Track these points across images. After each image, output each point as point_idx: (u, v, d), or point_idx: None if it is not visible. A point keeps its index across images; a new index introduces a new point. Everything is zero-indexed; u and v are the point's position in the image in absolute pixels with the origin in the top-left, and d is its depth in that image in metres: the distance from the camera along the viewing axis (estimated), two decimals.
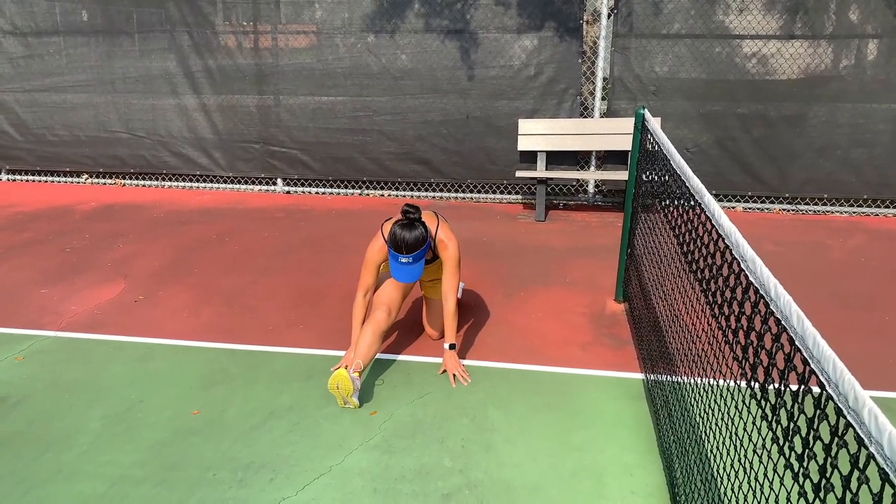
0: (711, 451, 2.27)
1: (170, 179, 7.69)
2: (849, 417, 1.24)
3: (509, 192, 7.16)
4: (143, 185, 7.72)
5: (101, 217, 6.55)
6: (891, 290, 4.79)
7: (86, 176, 7.83)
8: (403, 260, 3.41)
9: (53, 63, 7.39)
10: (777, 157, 6.53)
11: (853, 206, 6.61)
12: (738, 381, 1.91)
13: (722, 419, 2.05)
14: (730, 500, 1.97)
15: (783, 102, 6.40)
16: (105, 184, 7.78)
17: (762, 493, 1.64)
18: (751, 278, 1.87)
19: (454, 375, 3.60)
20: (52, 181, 7.87)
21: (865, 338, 4.05)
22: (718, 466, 2.16)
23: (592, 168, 6.85)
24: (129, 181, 7.76)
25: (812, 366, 1.42)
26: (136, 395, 3.48)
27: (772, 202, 6.74)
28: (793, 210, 6.70)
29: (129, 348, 3.99)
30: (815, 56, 6.29)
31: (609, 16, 6.40)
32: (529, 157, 6.74)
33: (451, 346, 3.67)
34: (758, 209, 6.75)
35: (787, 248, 5.64)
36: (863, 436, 1.18)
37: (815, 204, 6.67)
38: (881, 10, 6.10)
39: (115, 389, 3.53)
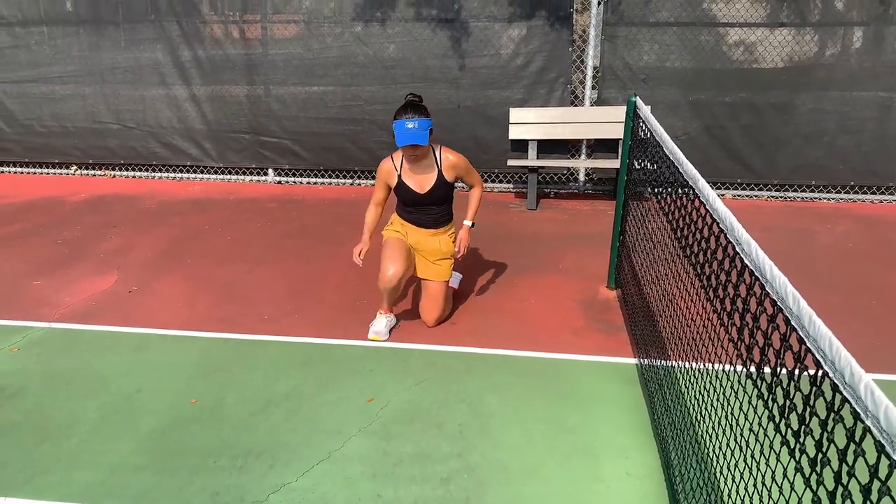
0: (707, 432, 2.32)
1: (160, 170, 7.65)
2: (845, 393, 1.28)
3: (501, 181, 7.18)
4: (134, 177, 7.67)
5: (92, 208, 6.51)
6: (877, 275, 4.87)
7: (75, 167, 7.77)
8: (409, 125, 3.63)
9: (40, 53, 7.32)
10: (765, 145, 6.59)
11: (840, 192, 6.69)
12: (733, 363, 1.96)
13: (718, 400, 2.10)
14: (725, 479, 2.02)
15: (770, 90, 6.45)
16: (95, 175, 7.73)
17: (758, 469, 1.68)
18: (746, 261, 1.91)
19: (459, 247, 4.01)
20: (41, 173, 7.82)
21: (853, 322, 4.13)
22: (714, 446, 2.21)
23: (583, 156, 6.89)
24: (119, 172, 7.71)
25: (808, 344, 1.46)
26: (134, 384, 3.49)
27: (760, 189, 6.81)
28: (781, 197, 6.78)
29: (125, 338, 3.99)
30: (802, 44, 6.34)
31: (599, 4, 6.42)
32: (520, 146, 6.76)
33: (472, 224, 4.10)
34: (747, 196, 6.82)
35: (776, 234, 5.71)
36: (859, 410, 1.22)
37: (803, 191, 6.74)
38: None
39: (111, 379, 3.54)
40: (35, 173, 7.83)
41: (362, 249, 3.94)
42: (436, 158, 3.92)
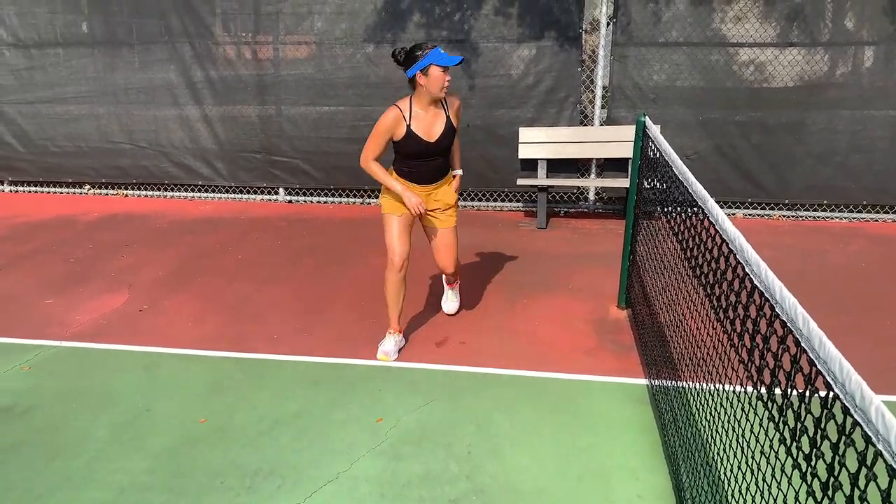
0: (718, 454, 2.30)
1: (172, 189, 7.72)
2: (856, 416, 1.27)
3: (510, 200, 7.20)
4: (146, 196, 7.75)
5: (104, 227, 6.57)
6: (890, 295, 4.82)
7: (88, 187, 7.86)
8: (443, 49, 3.61)
9: (56, 74, 7.44)
10: (776, 164, 6.57)
11: (852, 211, 6.65)
12: (743, 384, 1.94)
13: (728, 422, 2.08)
14: (737, 502, 1.99)
15: (781, 110, 6.45)
16: (107, 194, 7.81)
17: (770, 493, 1.66)
18: (755, 282, 1.89)
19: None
20: (55, 192, 7.91)
21: (867, 342, 4.08)
22: (725, 469, 2.19)
23: (593, 175, 6.90)
24: (131, 192, 7.79)
25: (819, 366, 1.45)
26: (143, 403, 3.50)
27: (772, 208, 6.78)
28: (792, 216, 6.74)
29: (135, 357, 4.00)
30: (813, 63, 6.34)
31: (608, 25, 6.46)
32: (530, 165, 6.78)
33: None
34: (758, 215, 6.79)
35: (788, 254, 5.67)
36: (870, 433, 1.21)
37: (815, 210, 6.70)
38: (877, 16, 6.16)
39: (121, 398, 3.55)
40: (48, 192, 7.92)
41: (416, 198, 3.73)
42: (443, 103, 3.78)
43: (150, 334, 4.29)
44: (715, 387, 2.31)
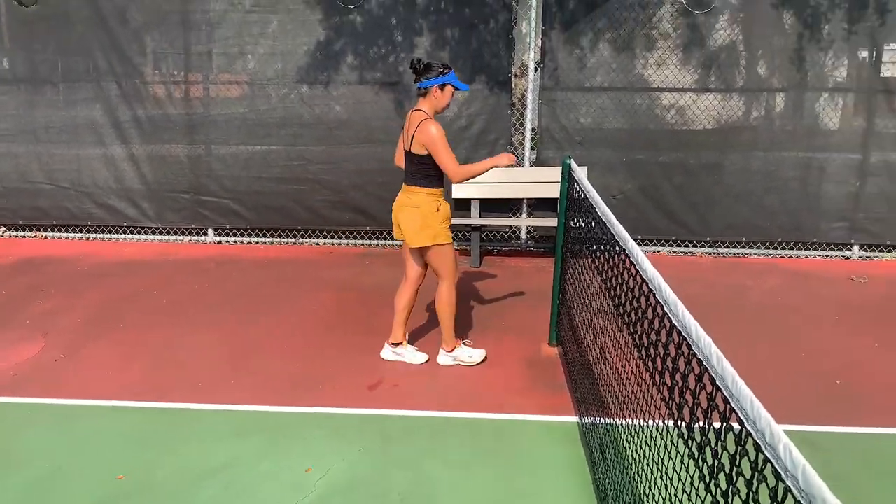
0: (644, 492, 2.32)
1: (95, 231, 7.43)
2: (766, 453, 1.30)
3: None
4: (67, 238, 7.43)
5: (19, 271, 6.26)
6: (805, 327, 5.05)
7: (3, 229, 7.49)
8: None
9: None
10: (697, 203, 6.85)
11: (769, 248, 6.97)
12: (665, 421, 1.97)
13: (652, 459, 2.11)
14: None
15: (701, 151, 6.75)
16: (25, 237, 7.46)
17: None
18: (674, 321, 1.95)
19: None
20: None
21: (783, 373, 4.24)
22: None
23: (524, 215, 7.02)
24: (51, 234, 7.46)
25: (732, 404, 1.49)
26: (55, 461, 3.29)
27: (694, 246, 7.03)
28: (714, 253, 7.01)
29: (48, 411, 3.78)
30: (728, 108, 6.69)
31: (536, 70, 6.66)
32: (463, 205, 6.85)
33: None
34: (682, 252, 7.03)
35: (710, 290, 5.88)
36: (780, 470, 1.24)
37: (735, 247, 7.00)
38: (785, 65, 6.57)
39: (30, 457, 3.33)
40: None
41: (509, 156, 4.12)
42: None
43: (66, 386, 4.06)
44: (640, 424, 2.34)
